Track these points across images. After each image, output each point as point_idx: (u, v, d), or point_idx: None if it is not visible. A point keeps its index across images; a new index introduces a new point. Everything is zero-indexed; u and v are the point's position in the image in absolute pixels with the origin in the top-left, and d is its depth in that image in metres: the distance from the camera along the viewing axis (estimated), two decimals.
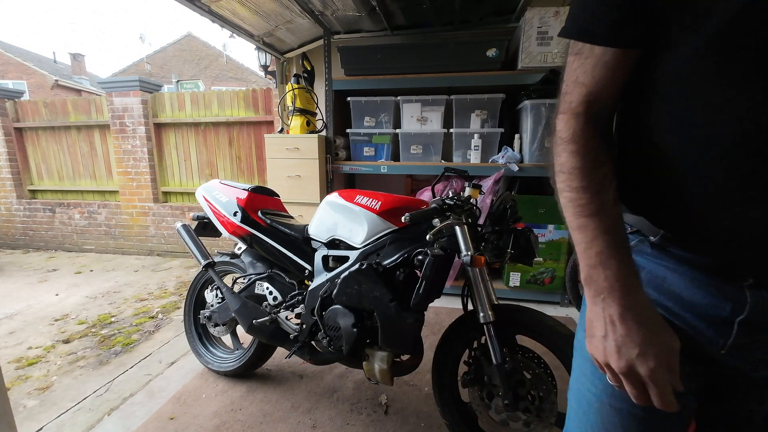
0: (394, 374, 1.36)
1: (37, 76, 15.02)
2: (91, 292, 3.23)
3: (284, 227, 1.63)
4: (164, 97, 4.13)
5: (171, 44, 18.23)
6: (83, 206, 4.52)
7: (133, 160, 4.18)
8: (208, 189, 1.80)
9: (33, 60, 15.71)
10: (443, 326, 1.44)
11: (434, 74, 2.60)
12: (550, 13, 2.26)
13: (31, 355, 2.21)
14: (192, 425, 1.56)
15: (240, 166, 4.09)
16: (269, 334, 1.62)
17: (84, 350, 2.25)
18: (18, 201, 4.67)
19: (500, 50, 2.45)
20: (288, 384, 1.83)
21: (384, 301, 1.25)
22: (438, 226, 1.19)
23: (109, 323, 2.62)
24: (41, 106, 4.42)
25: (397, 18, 2.86)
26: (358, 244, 1.39)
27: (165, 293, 3.20)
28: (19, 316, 2.75)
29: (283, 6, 2.51)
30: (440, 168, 2.62)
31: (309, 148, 2.70)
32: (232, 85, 16.73)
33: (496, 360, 1.17)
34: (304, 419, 1.59)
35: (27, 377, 1.97)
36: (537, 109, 2.39)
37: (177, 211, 4.22)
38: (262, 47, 3.24)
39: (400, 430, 1.53)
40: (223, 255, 1.88)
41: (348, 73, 2.76)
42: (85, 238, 4.60)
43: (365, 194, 1.42)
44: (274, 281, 1.66)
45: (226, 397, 1.73)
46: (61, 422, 1.61)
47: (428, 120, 2.72)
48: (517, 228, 1.22)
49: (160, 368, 2.01)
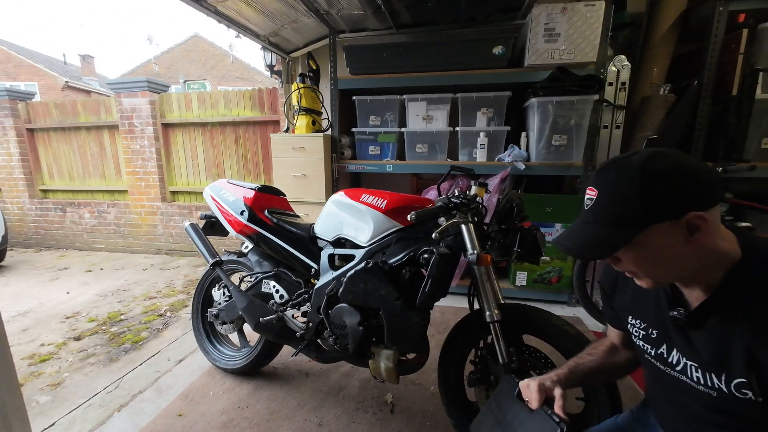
0: (399, 373, 1.36)
1: (47, 78, 15.25)
2: (101, 290, 3.28)
3: (290, 226, 1.63)
4: (172, 98, 4.17)
5: (178, 45, 18.39)
6: (93, 206, 4.59)
7: (141, 160, 4.23)
8: (216, 188, 1.81)
9: (44, 62, 15.96)
10: (449, 325, 1.43)
11: (440, 72, 2.58)
12: (557, 10, 2.23)
13: (44, 351, 2.25)
14: (200, 422, 1.57)
15: (246, 166, 4.12)
16: (276, 332, 1.63)
17: (94, 347, 2.29)
18: (30, 201, 4.76)
19: (506, 47, 2.43)
20: (294, 382, 1.84)
21: (390, 300, 1.25)
22: (444, 224, 1.18)
23: (119, 321, 2.66)
24: (52, 107, 4.49)
25: (403, 16, 2.85)
26: (364, 242, 1.39)
27: (173, 291, 3.24)
28: (31, 314, 2.80)
29: (288, 5, 2.52)
30: (446, 167, 2.61)
31: (314, 148, 2.71)
32: (239, 85, 16.82)
33: (503, 359, 1.17)
34: (310, 417, 1.60)
35: (39, 373, 2.01)
36: (544, 106, 2.36)
37: (184, 211, 4.27)
38: (267, 47, 3.26)
39: (406, 428, 1.53)
40: (231, 254, 1.89)
41: (353, 72, 2.76)
42: (95, 237, 4.67)
43: (371, 193, 1.42)
44: (280, 280, 1.67)
45: (233, 395, 1.75)
46: (73, 418, 1.64)
47: (434, 118, 2.70)
48: (523, 226, 1.21)
49: (168, 366, 2.04)
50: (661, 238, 0.60)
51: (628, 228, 0.61)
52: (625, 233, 0.61)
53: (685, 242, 0.60)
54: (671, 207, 0.58)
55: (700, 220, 0.58)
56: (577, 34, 2.25)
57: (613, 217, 0.62)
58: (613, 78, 2.30)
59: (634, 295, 0.79)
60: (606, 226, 0.63)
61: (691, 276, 0.66)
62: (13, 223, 4.88)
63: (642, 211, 0.59)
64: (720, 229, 0.62)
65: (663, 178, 0.59)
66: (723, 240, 0.62)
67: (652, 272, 0.66)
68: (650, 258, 0.63)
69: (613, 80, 2.31)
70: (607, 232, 0.63)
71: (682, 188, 0.58)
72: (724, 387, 0.64)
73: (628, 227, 0.61)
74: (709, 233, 0.60)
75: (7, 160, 4.65)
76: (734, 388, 0.62)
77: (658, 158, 0.60)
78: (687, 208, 0.58)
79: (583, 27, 2.23)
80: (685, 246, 0.60)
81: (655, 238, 0.60)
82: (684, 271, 0.65)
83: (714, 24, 2.15)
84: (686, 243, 0.60)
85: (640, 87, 2.46)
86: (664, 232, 0.60)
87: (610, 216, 0.63)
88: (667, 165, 0.59)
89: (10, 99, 4.45)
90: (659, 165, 0.59)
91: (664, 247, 0.61)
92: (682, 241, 0.60)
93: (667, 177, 0.58)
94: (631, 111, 2.43)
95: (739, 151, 2.25)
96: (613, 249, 0.63)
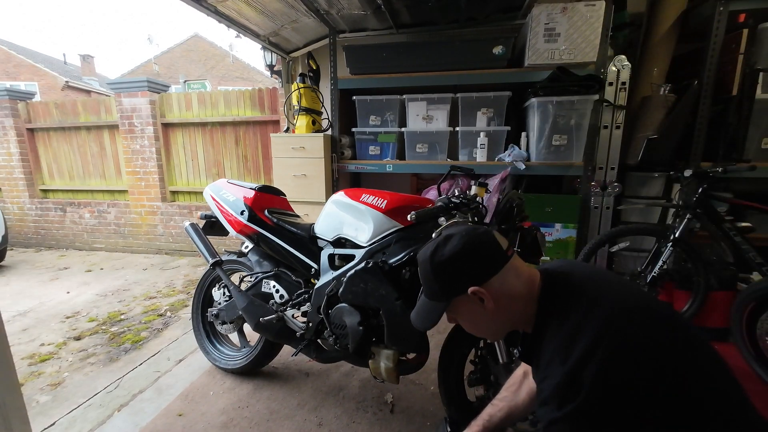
0: (399, 373, 1.36)
1: (48, 78, 15.25)
2: (101, 290, 3.28)
3: (291, 226, 1.63)
4: (172, 98, 4.17)
5: (178, 45, 18.39)
6: (93, 205, 4.59)
7: (141, 160, 4.23)
8: (216, 188, 1.81)
9: (44, 62, 15.96)
10: (449, 325, 1.43)
11: (440, 72, 2.58)
12: (557, 10, 2.23)
13: (44, 351, 2.25)
14: (200, 422, 1.57)
15: (246, 166, 4.12)
16: (276, 332, 1.63)
17: (94, 347, 2.29)
18: (30, 200, 4.76)
19: (506, 47, 2.42)
20: (294, 382, 1.85)
21: (390, 300, 1.25)
22: (444, 224, 1.18)
23: (119, 321, 2.66)
24: (52, 107, 4.49)
25: (403, 16, 2.85)
26: (364, 242, 1.39)
27: (173, 291, 3.24)
28: (31, 314, 2.80)
29: (288, 5, 2.52)
30: (446, 166, 2.60)
31: (314, 147, 2.71)
32: (239, 84, 16.82)
33: (503, 359, 1.17)
34: (310, 417, 1.60)
35: (39, 373, 2.01)
36: (544, 106, 2.36)
37: (185, 210, 4.27)
38: (267, 47, 3.26)
39: (406, 428, 1.53)
40: (231, 254, 1.89)
41: (353, 72, 2.76)
42: (95, 237, 4.67)
43: (371, 193, 1.42)
44: (280, 279, 1.67)
45: (233, 395, 1.75)
46: (73, 418, 1.64)
47: (434, 118, 2.70)
48: (523, 226, 1.22)
49: (168, 365, 2.04)
50: (465, 307, 0.75)
51: (439, 300, 0.77)
52: (438, 306, 0.78)
53: (483, 307, 0.73)
54: (455, 286, 0.74)
55: (479, 292, 0.71)
56: (577, 34, 2.25)
57: (429, 293, 0.79)
58: (613, 78, 2.30)
59: None
60: (430, 300, 0.80)
61: (515, 326, 0.77)
62: (13, 223, 4.88)
63: (439, 288, 0.76)
64: (516, 290, 0.73)
65: (444, 265, 0.74)
66: (524, 294, 0.73)
67: (479, 332, 0.81)
68: (468, 322, 0.79)
69: (613, 80, 2.31)
70: (430, 305, 0.79)
71: (460, 270, 0.73)
72: None
73: (439, 300, 0.78)
74: (501, 296, 0.72)
75: (7, 159, 4.65)
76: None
77: (442, 246, 0.75)
78: (467, 285, 0.72)
79: (584, 27, 2.23)
80: (485, 309, 0.73)
81: (461, 307, 0.76)
82: (502, 326, 0.77)
83: (714, 24, 2.15)
84: (485, 308, 0.73)
85: (640, 87, 2.46)
86: (463, 302, 0.74)
87: (427, 292, 0.80)
88: (448, 252, 0.74)
89: (11, 99, 4.45)
90: (442, 252, 0.74)
91: (472, 313, 0.75)
92: (481, 308, 0.73)
93: (447, 263, 0.74)
94: (631, 111, 2.43)
95: (739, 151, 2.25)
96: (435, 320, 0.79)
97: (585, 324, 0.62)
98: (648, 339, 0.59)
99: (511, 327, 0.78)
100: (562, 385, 0.60)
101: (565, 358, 0.61)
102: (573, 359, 0.60)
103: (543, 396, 0.63)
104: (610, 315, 0.63)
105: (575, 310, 0.66)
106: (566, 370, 0.60)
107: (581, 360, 0.59)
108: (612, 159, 2.37)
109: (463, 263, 0.73)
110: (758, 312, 1.78)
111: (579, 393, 0.58)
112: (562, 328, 0.65)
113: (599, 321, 0.62)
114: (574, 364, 0.59)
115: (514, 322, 0.76)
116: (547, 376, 0.64)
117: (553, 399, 0.61)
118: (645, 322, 0.61)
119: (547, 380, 0.63)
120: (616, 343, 0.59)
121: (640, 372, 0.56)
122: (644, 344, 0.59)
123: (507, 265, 0.73)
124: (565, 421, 0.59)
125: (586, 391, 0.57)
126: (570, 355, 0.60)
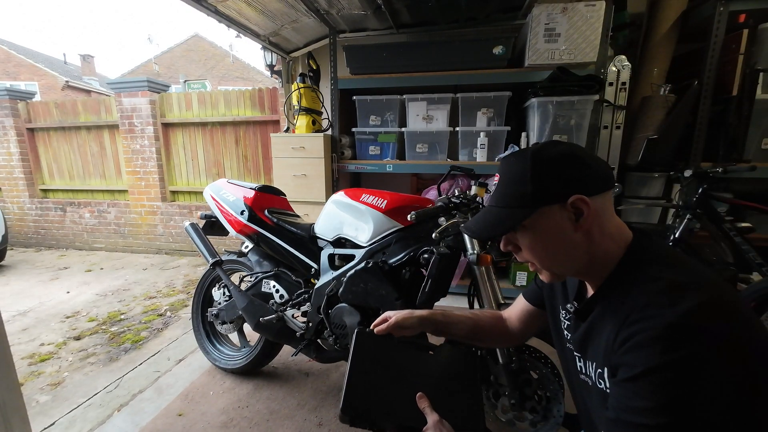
0: None
1: (48, 78, 15.25)
2: (101, 290, 3.28)
3: (291, 226, 1.64)
4: (172, 97, 4.17)
5: (178, 45, 18.39)
6: (93, 205, 4.59)
7: (141, 160, 4.23)
8: (216, 188, 1.81)
9: (44, 61, 15.96)
10: None
11: (440, 72, 2.58)
12: (557, 10, 2.23)
13: (44, 351, 2.25)
14: (199, 422, 1.57)
15: (246, 166, 4.12)
16: (276, 332, 1.63)
17: (94, 347, 2.29)
18: (30, 200, 4.76)
19: (507, 47, 2.42)
20: (294, 382, 1.85)
21: (390, 300, 1.25)
22: (444, 224, 1.18)
23: (119, 321, 2.66)
24: (52, 106, 4.49)
25: (403, 16, 2.85)
26: (364, 242, 1.39)
27: (173, 291, 3.24)
28: (31, 313, 2.80)
29: (288, 5, 2.52)
30: (446, 166, 2.60)
31: (315, 147, 2.71)
32: (239, 84, 16.82)
33: (503, 359, 1.17)
34: (310, 417, 1.60)
35: (39, 373, 2.01)
36: (544, 106, 2.36)
37: (185, 210, 4.27)
38: (268, 47, 3.26)
39: None
40: (231, 253, 1.89)
41: (353, 72, 2.76)
42: (95, 237, 4.68)
43: (371, 193, 1.42)
44: (280, 279, 1.67)
45: (233, 395, 1.75)
46: (73, 417, 1.64)
47: (434, 118, 2.70)
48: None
49: (168, 365, 2.04)
50: (551, 221, 0.64)
51: (521, 208, 0.65)
52: (518, 213, 0.65)
53: (573, 229, 0.63)
54: (556, 189, 0.63)
55: (582, 203, 0.61)
56: (577, 34, 2.25)
57: (508, 199, 0.67)
58: (613, 78, 2.30)
59: (563, 286, 0.83)
60: (502, 208, 0.68)
61: (585, 270, 0.68)
62: (13, 223, 4.88)
63: (532, 191, 0.64)
64: (610, 224, 0.65)
65: (551, 163, 0.63)
66: (614, 233, 0.65)
67: (546, 262, 0.69)
68: (543, 244, 0.67)
69: (613, 80, 2.31)
70: (503, 213, 0.68)
71: (567, 172, 0.63)
72: (593, 375, 0.68)
73: (520, 207, 0.65)
74: (596, 222, 0.63)
75: (7, 159, 4.65)
76: (597, 376, 0.66)
77: (550, 146, 0.65)
78: (571, 191, 0.61)
79: (584, 27, 2.23)
80: (573, 233, 0.64)
81: (545, 221, 0.64)
82: (576, 262, 0.67)
83: (714, 24, 2.15)
84: (574, 230, 0.63)
85: (640, 87, 2.46)
86: (552, 215, 0.63)
87: (506, 198, 0.68)
88: (556, 151, 0.64)
89: (11, 98, 4.46)
90: (550, 151, 0.64)
91: (554, 232, 0.65)
92: (570, 228, 0.63)
93: (555, 162, 0.63)
94: (631, 111, 2.43)
95: (739, 151, 2.25)
96: (507, 228, 0.67)
97: (691, 282, 0.56)
98: (755, 320, 0.55)
99: (583, 268, 0.68)
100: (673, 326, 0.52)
101: (673, 303, 0.54)
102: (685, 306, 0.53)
103: (637, 339, 0.55)
104: (720, 280, 0.58)
105: (674, 266, 0.60)
106: (680, 312, 0.53)
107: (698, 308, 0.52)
108: (612, 159, 2.37)
109: (573, 167, 0.63)
110: (758, 312, 1.78)
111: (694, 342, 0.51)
112: (662, 276, 0.58)
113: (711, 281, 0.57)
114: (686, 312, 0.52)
115: (589, 263, 0.66)
116: (643, 317, 0.56)
117: (656, 342, 0.53)
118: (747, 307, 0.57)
119: (644, 321, 0.55)
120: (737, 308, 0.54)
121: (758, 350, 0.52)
122: (756, 324, 0.54)
123: (610, 192, 0.65)
124: (667, 369, 0.52)
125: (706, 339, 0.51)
126: (679, 301, 0.54)
